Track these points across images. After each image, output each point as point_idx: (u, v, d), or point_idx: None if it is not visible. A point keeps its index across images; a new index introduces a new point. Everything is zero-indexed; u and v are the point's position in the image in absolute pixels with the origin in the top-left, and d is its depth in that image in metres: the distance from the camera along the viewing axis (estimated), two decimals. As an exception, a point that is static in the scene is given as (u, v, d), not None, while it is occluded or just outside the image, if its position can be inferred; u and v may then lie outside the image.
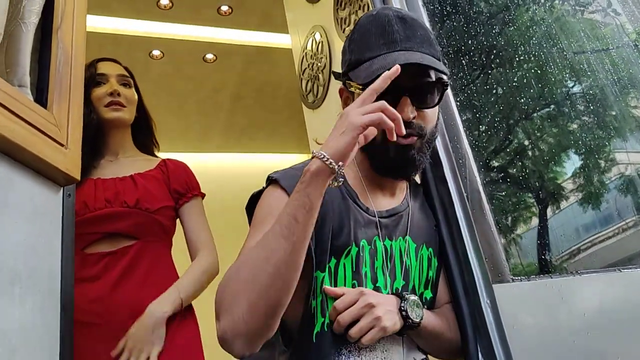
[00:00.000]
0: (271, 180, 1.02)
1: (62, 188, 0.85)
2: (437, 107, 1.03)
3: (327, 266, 0.95)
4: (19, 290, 0.70)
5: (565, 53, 1.79)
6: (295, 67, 2.90)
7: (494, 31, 1.73)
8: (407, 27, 1.00)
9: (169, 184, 1.65)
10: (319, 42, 2.61)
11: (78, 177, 0.85)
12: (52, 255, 0.80)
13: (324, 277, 0.95)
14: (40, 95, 0.85)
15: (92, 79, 1.63)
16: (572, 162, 1.71)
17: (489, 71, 1.69)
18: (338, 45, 2.42)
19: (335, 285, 0.95)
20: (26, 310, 0.71)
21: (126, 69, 1.76)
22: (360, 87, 0.98)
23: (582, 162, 1.71)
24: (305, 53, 2.75)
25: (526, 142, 1.66)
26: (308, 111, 2.72)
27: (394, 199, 1.09)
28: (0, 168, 0.72)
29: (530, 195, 1.54)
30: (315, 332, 0.94)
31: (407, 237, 1.05)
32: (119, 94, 1.65)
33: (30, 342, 0.71)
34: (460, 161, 1.33)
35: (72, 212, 0.86)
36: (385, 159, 1.01)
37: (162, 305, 1.44)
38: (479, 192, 1.24)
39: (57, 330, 0.76)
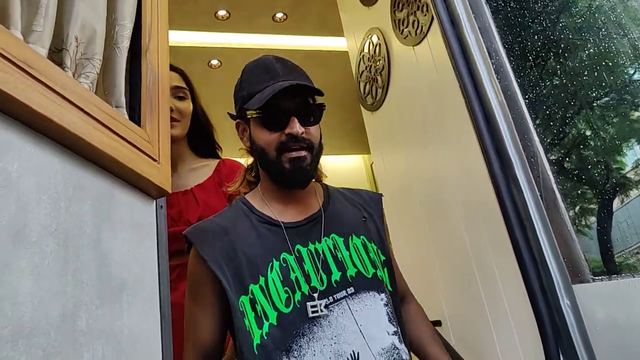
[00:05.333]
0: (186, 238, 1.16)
1: (155, 200, 0.91)
2: (318, 125, 1.19)
3: (256, 286, 1.05)
4: (127, 297, 0.76)
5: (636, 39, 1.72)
6: (352, 70, 2.91)
7: (560, 23, 1.68)
8: (286, 66, 1.18)
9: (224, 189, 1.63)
10: (377, 44, 2.62)
11: (169, 190, 0.90)
12: (150, 264, 0.85)
13: (251, 298, 1.04)
14: (133, 113, 0.91)
15: None
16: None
17: (558, 65, 1.65)
18: (396, 46, 2.42)
19: (270, 297, 1.04)
20: (132, 316, 0.76)
21: (184, 77, 1.75)
22: (256, 111, 1.13)
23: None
24: (363, 55, 2.76)
25: (602, 135, 1.61)
26: (367, 113, 2.72)
27: (306, 209, 1.19)
28: (104, 184, 0.78)
29: (608, 191, 1.49)
30: (255, 344, 1.02)
31: (332, 235, 1.15)
32: (172, 109, 1.63)
33: (137, 346, 0.76)
34: (532, 159, 1.31)
35: (164, 222, 0.91)
36: (282, 172, 1.13)
37: None
38: (554, 191, 1.23)
39: (159, 335, 0.81)
